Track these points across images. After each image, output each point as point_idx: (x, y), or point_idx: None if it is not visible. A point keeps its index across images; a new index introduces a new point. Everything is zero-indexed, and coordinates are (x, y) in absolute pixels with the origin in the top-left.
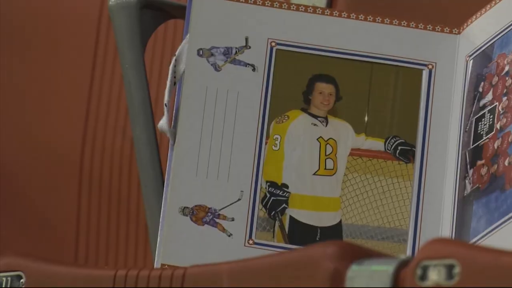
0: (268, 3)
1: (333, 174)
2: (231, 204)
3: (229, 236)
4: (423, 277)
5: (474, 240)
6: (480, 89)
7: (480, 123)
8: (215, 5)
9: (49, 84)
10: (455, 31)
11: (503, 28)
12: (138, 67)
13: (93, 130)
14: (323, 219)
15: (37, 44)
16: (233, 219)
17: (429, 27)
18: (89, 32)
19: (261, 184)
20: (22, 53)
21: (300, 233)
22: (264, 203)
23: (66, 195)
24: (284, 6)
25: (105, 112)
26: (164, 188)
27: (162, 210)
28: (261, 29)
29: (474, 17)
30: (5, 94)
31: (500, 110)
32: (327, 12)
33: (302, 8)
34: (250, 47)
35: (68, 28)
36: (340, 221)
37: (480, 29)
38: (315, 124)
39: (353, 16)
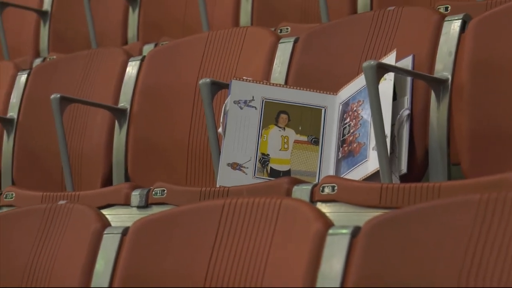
0: (261, 82)
1: (287, 150)
2: (247, 162)
3: (246, 174)
4: (322, 191)
5: (342, 176)
6: (345, 116)
7: (344, 130)
8: (240, 84)
9: (173, 115)
10: (334, 93)
11: (354, 92)
12: (210, 108)
13: (193, 132)
14: (283, 168)
15: (165, 102)
16: (248, 168)
17: (325, 92)
18: (190, 95)
19: (259, 154)
20: (159, 107)
21: (274, 173)
22: (260, 161)
23: (180, 157)
24: (268, 83)
25: (198, 124)
26: (220, 155)
27: (219, 165)
28: (259, 92)
29: (343, 88)
30: (154, 119)
31: (352, 125)
32: (285, 86)
33: (274, 84)
34: (254, 100)
35: (180, 95)
36: (290, 169)
37: (345, 93)
38: (280, 130)
39: (296, 88)
